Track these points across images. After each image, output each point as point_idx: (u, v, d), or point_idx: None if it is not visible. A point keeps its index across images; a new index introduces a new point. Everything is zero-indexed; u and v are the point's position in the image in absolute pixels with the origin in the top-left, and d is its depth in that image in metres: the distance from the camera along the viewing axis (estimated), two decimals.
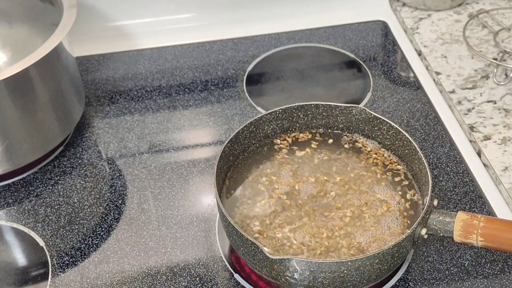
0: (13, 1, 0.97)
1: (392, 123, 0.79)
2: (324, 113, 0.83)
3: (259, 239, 0.72)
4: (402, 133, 0.78)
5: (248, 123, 0.80)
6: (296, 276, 0.66)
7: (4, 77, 0.77)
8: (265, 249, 0.65)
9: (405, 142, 0.78)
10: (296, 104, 0.82)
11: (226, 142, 0.77)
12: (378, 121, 0.81)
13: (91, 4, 1.09)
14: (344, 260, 0.65)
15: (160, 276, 0.76)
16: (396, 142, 0.80)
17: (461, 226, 0.67)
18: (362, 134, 0.83)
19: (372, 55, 1.08)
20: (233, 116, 0.97)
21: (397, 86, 1.02)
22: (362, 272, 0.66)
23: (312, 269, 0.65)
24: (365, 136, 0.83)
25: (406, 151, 0.79)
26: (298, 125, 0.84)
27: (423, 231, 0.69)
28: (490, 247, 0.67)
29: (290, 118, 0.83)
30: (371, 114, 0.81)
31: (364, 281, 0.68)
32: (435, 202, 0.70)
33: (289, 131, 0.84)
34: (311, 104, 0.82)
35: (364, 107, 0.81)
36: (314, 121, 0.84)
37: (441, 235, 0.69)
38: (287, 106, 0.81)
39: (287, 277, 0.66)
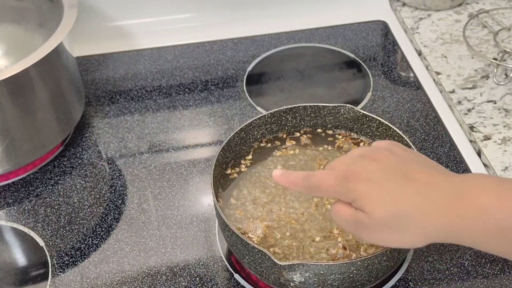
0: (14, 1, 0.97)
1: (382, 120, 0.80)
2: (312, 114, 0.83)
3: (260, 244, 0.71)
4: (393, 129, 0.79)
5: (238, 130, 0.80)
6: (305, 280, 0.66)
7: (4, 77, 0.77)
8: (273, 256, 0.65)
9: (396, 138, 0.79)
10: (284, 107, 0.82)
11: (219, 150, 0.76)
12: (367, 118, 0.81)
13: (91, 4, 1.09)
14: (354, 260, 0.65)
15: (160, 276, 0.76)
16: (387, 138, 0.80)
17: None
18: (352, 132, 0.83)
19: (372, 55, 1.08)
20: (233, 116, 0.97)
21: (397, 86, 1.02)
22: (370, 270, 0.66)
23: (322, 271, 0.65)
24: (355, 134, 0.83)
25: None
26: (286, 128, 0.84)
27: None
28: None
29: (279, 122, 0.83)
30: (360, 112, 0.81)
31: (372, 279, 0.68)
32: None
33: (279, 133, 0.84)
34: (299, 106, 0.82)
35: (352, 106, 0.81)
36: (303, 122, 0.84)
37: None
38: (275, 110, 0.82)
39: (296, 283, 0.66)
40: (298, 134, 0.84)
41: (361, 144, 0.82)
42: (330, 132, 0.84)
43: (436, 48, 1.06)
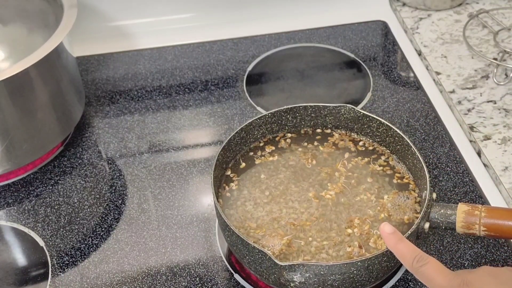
0: (14, 1, 0.97)
1: (382, 120, 0.80)
2: (312, 114, 0.83)
3: (260, 243, 0.71)
4: (393, 129, 0.79)
5: (239, 129, 0.80)
6: (305, 280, 0.66)
7: (4, 77, 0.77)
8: (273, 256, 0.65)
9: (396, 138, 0.79)
10: (285, 107, 0.82)
11: (220, 150, 0.76)
12: (367, 119, 0.81)
13: (91, 4, 1.09)
14: (354, 261, 0.65)
15: (160, 276, 0.76)
16: (387, 138, 0.80)
17: (463, 217, 0.68)
18: (352, 132, 0.83)
19: (372, 55, 1.08)
20: (233, 116, 0.97)
21: (397, 86, 1.02)
22: (371, 270, 0.66)
23: (322, 272, 0.65)
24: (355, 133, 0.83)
25: (398, 147, 0.79)
26: (287, 127, 0.84)
27: (426, 225, 0.69)
28: (492, 236, 0.68)
29: (279, 122, 0.83)
30: (360, 112, 0.81)
31: (372, 280, 0.68)
32: (434, 196, 0.71)
33: (279, 132, 0.84)
34: (299, 106, 0.82)
35: (352, 106, 0.81)
36: (303, 122, 0.84)
37: (443, 227, 0.69)
38: (276, 109, 0.82)
39: (296, 283, 0.66)
40: (278, 138, 0.84)
41: (360, 142, 0.82)
42: (328, 131, 0.84)
43: (436, 48, 1.06)
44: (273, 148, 0.82)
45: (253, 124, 0.81)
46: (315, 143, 0.83)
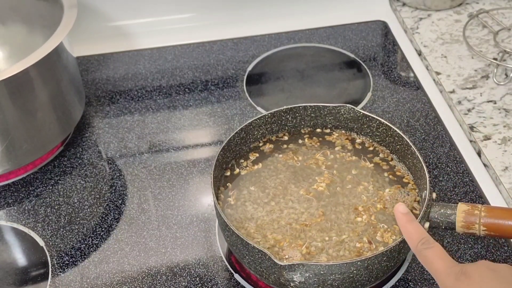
0: (14, 1, 0.97)
1: (382, 120, 0.80)
2: (312, 114, 0.83)
3: (260, 243, 0.71)
4: (393, 129, 0.79)
5: (239, 130, 0.80)
6: (305, 280, 0.66)
7: (4, 77, 0.77)
8: (273, 256, 0.65)
9: (396, 138, 0.79)
10: (284, 107, 0.82)
11: (219, 150, 0.76)
12: (367, 118, 0.81)
13: (91, 4, 1.09)
14: (354, 260, 0.65)
15: (160, 276, 0.76)
16: (387, 138, 0.80)
17: (463, 217, 0.68)
18: (352, 132, 0.83)
19: (372, 55, 1.08)
20: (233, 116, 0.97)
21: (397, 86, 1.02)
22: (370, 270, 0.67)
23: (322, 272, 0.65)
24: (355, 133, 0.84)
25: (398, 146, 0.79)
26: (287, 127, 0.84)
27: (426, 224, 0.69)
28: (492, 236, 0.68)
29: (279, 122, 0.83)
30: (360, 112, 0.81)
31: (372, 279, 0.68)
32: (434, 195, 0.71)
33: (278, 133, 0.84)
34: (299, 106, 0.82)
35: (352, 106, 0.81)
36: (303, 122, 0.84)
37: (443, 227, 0.69)
38: (276, 110, 0.82)
39: (296, 283, 0.66)
40: (261, 144, 0.84)
41: (357, 140, 0.82)
42: (328, 131, 0.84)
43: (436, 48, 1.06)
44: (257, 155, 0.82)
45: (253, 124, 0.81)
46: (300, 141, 0.83)
